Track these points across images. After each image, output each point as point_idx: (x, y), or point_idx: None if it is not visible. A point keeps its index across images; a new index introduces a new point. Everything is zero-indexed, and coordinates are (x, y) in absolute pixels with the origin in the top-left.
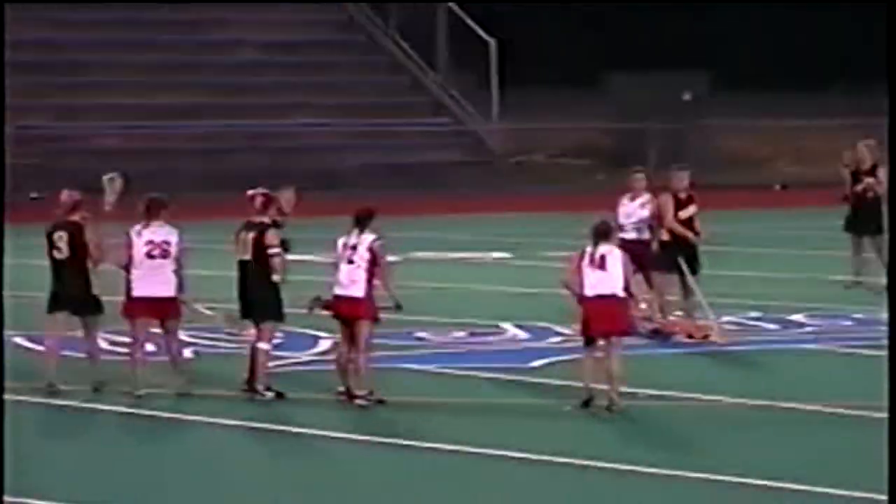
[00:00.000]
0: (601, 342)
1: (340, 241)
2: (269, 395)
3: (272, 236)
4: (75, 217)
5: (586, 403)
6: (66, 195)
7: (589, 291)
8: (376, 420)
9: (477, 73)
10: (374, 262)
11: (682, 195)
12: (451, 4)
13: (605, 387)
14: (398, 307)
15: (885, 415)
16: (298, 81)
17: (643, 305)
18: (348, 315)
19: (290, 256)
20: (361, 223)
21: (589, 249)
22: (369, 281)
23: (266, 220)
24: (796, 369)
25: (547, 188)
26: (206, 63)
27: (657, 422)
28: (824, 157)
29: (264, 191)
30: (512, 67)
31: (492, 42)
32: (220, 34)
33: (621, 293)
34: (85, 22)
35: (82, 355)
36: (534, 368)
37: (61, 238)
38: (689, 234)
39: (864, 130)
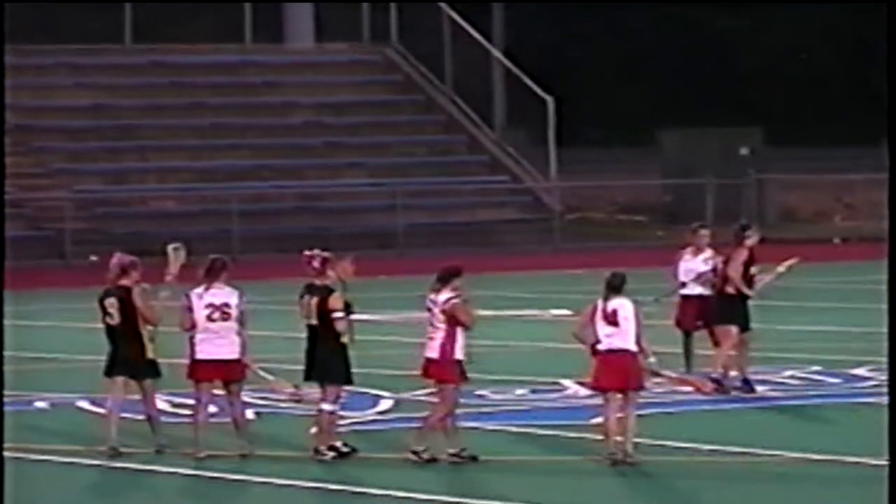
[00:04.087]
0: (617, 396)
1: (426, 300)
2: (330, 455)
3: (335, 300)
4: (126, 281)
5: (616, 461)
6: (115, 259)
7: (601, 346)
8: (442, 479)
9: (532, 130)
10: (451, 322)
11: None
12: (506, 61)
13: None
14: (470, 362)
15: None
16: (353, 142)
17: (652, 359)
18: (432, 377)
19: (356, 317)
20: (443, 281)
21: (601, 303)
22: (446, 341)
23: (328, 282)
24: (857, 423)
25: (605, 245)
26: (260, 125)
27: (721, 478)
28: (877, 210)
29: (323, 253)
30: (566, 125)
31: (549, 99)
32: (274, 97)
33: (633, 348)
34: (138, 86)
35: (142, 418)
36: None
37: (112, 304)
38: (748, 291)
39: None
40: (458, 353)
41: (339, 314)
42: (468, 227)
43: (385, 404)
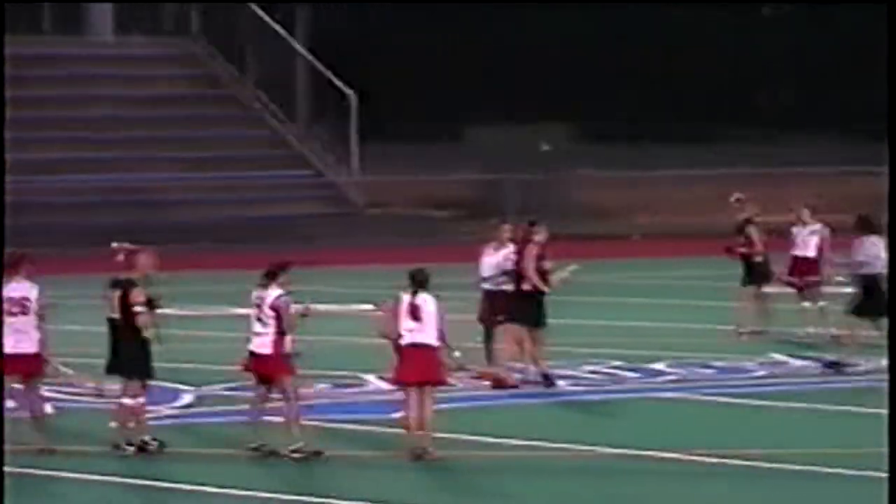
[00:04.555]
0: (418, 391)
1: (252, 296)
2: (131, 449)
3: (136, 294)
4: None
5: (418, 456)
6: None
7: (404, 340)
8: (244, 473)
9: (336, 125)
10: (279, 319)
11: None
12: (310, 57)
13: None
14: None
15: (743, 462)
16: (155, 136)
17: (457, 354)
18: (263, 373)
19: (164, 311)
20: (270, 276)
21: (406, 297)
22: (277, 338)
23: (133, 276)
24: (656, 417)
25: (409, 240)
26: (63, 118)
27: (523, 472)
28: (680, 207)
29: (129, 246)
30: (370, 120)
31: (351, 94)
32: (78, 89)
33: (435, 343)
34: None
35: None
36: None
37: None
38: (544, 287)
39: (717, 181)
40: (288, 347)
41: (140, 308)
42: (271, 222)
43: (186, 398)
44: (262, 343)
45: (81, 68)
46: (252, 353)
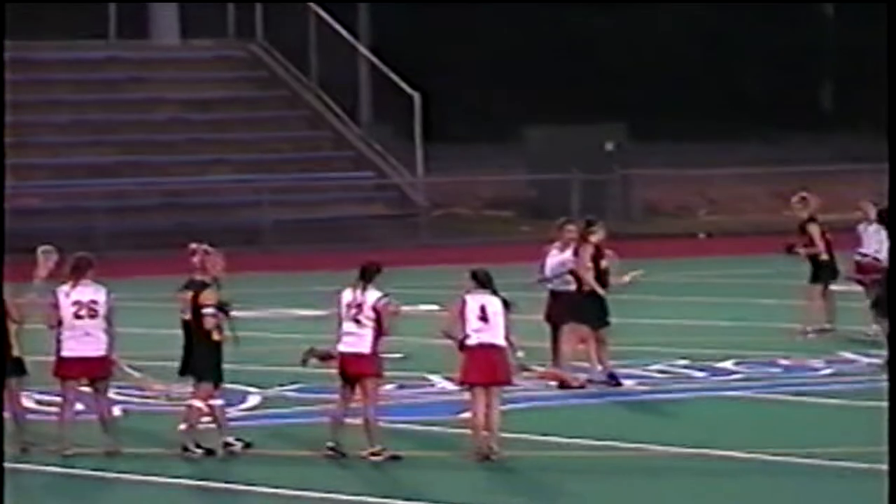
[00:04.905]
0: (485, 391)
1: (346, 298)
2: (199, 451)
3: (206, 296)
4: None
5: (484, 456)
6: None
7: (470, 341)
8: (317, 475)
9: (398, 126)
10: (379, 321)
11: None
12: (373, 58)
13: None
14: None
15: (810, 461)
16: (219, 138)
17: (520, 354)
18: (358, 373)
19: (237, 314)
20: (366, 279)
21: (469, 299)
22: (375, 339)
23: (206, 279)
24: (723, 416)
25: (471, 240)
26: (123, 121)
27: (588, 472)
28: (740, 205)
29: (207, 248)
30: (432, 121)
31: (416, 95)
32: (142, 93)
33: (502, 343)
34: None
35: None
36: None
37: None
38: (600, 290)
39: (777, 179)
40: (382, 349)
41: (209, 311)
42: (334, 223)
43: (253, 400)
44: (359, 343)
45: (146, 72)
46: (344, 354)
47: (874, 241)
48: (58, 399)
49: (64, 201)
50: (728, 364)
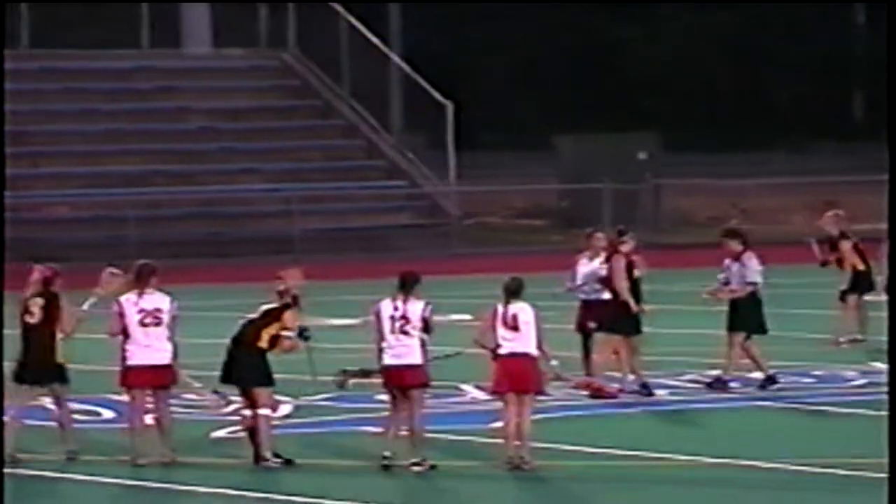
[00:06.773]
0: (516, 400)
1: (386, 310)
2: (277, 461)
3: (289, 317)
4: (52, 289)
5: (515, 466)
6: (37, 273)
7: (502, 350)
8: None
9: (430, 135)
10: (426, 330)
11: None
12: (405, 67)
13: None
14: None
15: (843, 472)
16: (251, 147)
17: (554, 363)
18: (410, 384)
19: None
20: (407, 289)
21: (500, 308)
22: (423, 348)
23: (286, 297)
24: (756, 426)
25: (502, 249)
26: (154, 131)
27: (619, 482)
28: (772, 215)
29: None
30: (462, 130)
31: (448, 104)
32: (174, 102)
33: (534, 352)
34: (29, 92)
35: (53, 424)
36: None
37: (36, 303)
38: (634, 305)
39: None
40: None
41: (289, 333)
42: (365, 233)
43: (285, 409)
44: (408, 354)
45: (178, 81)
46: (393, 366)
47: None
48: (85, 407)
49: (96, 210)
50: (760, 374)
